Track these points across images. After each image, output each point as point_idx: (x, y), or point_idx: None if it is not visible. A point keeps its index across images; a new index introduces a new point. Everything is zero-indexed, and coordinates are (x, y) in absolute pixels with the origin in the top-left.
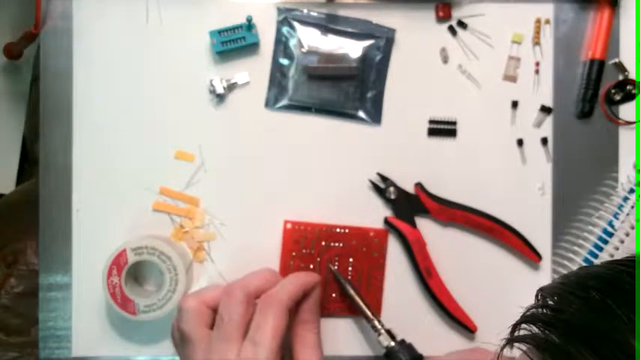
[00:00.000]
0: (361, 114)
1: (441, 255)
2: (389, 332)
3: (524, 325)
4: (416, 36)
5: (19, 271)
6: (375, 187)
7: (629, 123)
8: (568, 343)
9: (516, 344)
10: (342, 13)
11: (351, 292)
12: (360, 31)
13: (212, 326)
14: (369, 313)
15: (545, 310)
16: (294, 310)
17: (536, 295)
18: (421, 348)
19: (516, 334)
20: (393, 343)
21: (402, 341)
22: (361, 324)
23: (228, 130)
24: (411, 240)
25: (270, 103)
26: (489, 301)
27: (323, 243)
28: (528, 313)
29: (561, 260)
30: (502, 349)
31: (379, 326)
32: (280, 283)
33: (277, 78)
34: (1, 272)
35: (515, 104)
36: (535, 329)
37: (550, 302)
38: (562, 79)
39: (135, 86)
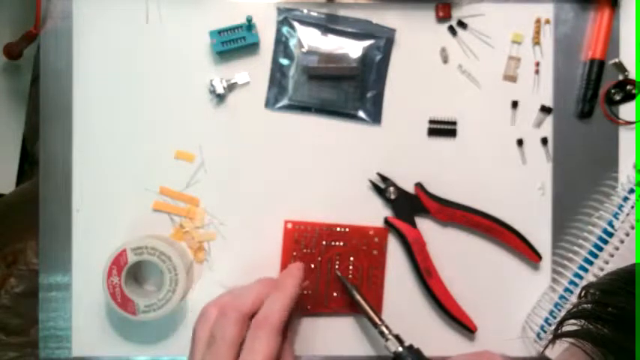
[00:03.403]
0: (361, 114)
1: (441, 255)
2: (397, 337)
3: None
4: (416, 36)
5: (19, 271)
6: (375, 187)
7: (629, 123)
8: (622, 336)
9: (562, 339)
10: (342, 13)
11: (358, 297)
12: (360, 31)
13: None
14: (376, 318)
15: (594, 306)
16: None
17: (581, 292)
18: (421, 348)
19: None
20: (400, 349)
21: (410, 346)
22: (362, 323)
23: (228, 130)
24: (411, 240)
25: (270, 103)
26: (489, 301)
27: (324, 242)
28: (575, 308)
29: (561, 260)
30: (549, 343)
31: (387, 331)
32: (271, 301)
33: (277, 78)
34: (1, 272)
35: (515, 104)
36: (583, 324)
37: (599, 298)
38: (562, 79)
39: (135, 86)
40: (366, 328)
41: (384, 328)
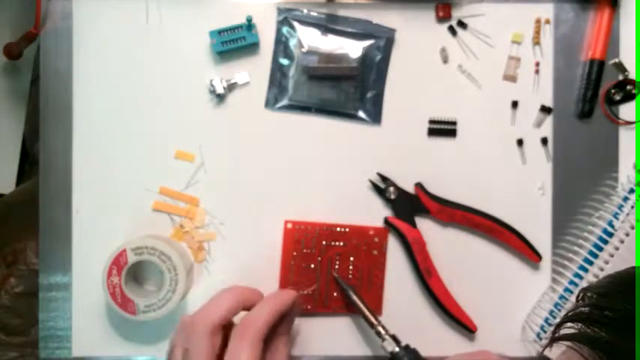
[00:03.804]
0: (361, 114)
1: (441, 255)
2: (393, 337)
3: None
4: (416, 36)
5: (19, 271)
6: (375, 187)
7: (629, 123)
8: (622, 340)
9: (559, 342)
10: (342, 13)
11: (354, 297)
12: (360, 31)
13: None
14: (372, 318)
15: (591, 309)
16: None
17: (578, 295)
18: (421, 347)
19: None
20: (397, 349)
21: (407, 346)
22: (362, 323)
23: (228, 130)
24: (411, 240)
25: (270, 103)
26: (489, 301)
27: (324, 242)
28: (572, 312)
29: (561, 260)
30: (546, 346)
31: (383, 332)
32: (256, 308)
33: (277, 78)
34: (1, 272)
35: (515, 104)
36: (581, 327)
37: (597, 301)
38: (562, 79)
39: (135, 86)
40: (366, 328)
41: (380, 329)
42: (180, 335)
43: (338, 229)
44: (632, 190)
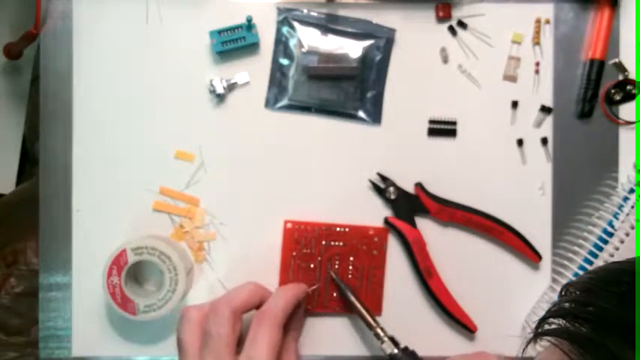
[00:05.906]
0: (361, 114)
1: (441, 255)
2: (392, 339)
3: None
4: (416, 36)
5: (19, 271)
6: (375, 187)
7: (629, 123)
8: (603, 336)
9: (542, 338)
10: (342, 13)
11: (352, 298)
12: (360, 31)
13: None
14: (371, 320)
15: (573, 305)
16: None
17: (562, 290)
18: (421, 348)
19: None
20: (396, 351)
21: (405, 348)
22: (361, 324)
23: (228, 130)
24: (411, 240)
25: (270, 103)
26: (489, 301)
27: (323, 242)
28: (555, 307)
29: (561, 260)
30: (529, 342)
31: (382, 334)
32: (273, 297)
33: (277, 78)
34: (1, 272)
35: (515, 104)
36: (563, 323)
37: (579, 297)
38: (562, 79)
39: (135, 86)
40: (365, 329)
41: (379, 330)
42: (188, 323)
43: (338, 229)
44: (632, 190)
